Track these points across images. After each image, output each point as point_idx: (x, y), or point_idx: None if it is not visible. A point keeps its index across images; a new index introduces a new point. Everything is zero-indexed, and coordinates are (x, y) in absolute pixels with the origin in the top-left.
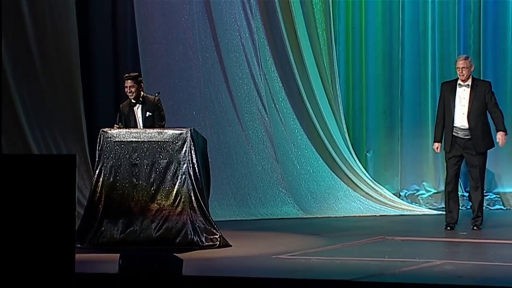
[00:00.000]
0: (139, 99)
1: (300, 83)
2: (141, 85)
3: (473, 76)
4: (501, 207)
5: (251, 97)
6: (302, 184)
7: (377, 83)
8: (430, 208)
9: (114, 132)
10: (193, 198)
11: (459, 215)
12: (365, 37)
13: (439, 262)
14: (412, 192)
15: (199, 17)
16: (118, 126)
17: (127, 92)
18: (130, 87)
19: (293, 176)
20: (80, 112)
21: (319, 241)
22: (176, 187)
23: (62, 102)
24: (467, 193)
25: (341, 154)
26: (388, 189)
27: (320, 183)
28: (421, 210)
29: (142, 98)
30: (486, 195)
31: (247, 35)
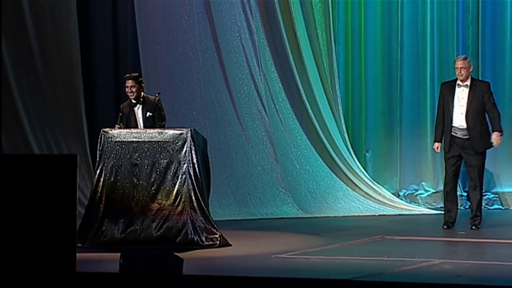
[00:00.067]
0: (139, 99)
1: (299, 83)
2: (142, 85)
3: (472, 76)
4: (500, 206)
5: (251, 97)
6: (301, 184)
7: (376, 84)
8: (429, 207)
9: (115, 132)
10: (194, 197)
11: (457, 215)
12: (365, 37)
13: (438, 261)
14: (411, 192)
15: (200, 18)
16: (118, 126)
17: (127, 92)
18: (131, 87)
19: (293, 176)
20: (81, 112)
21: (318, 241)
22: (176, 187)
23: (63, 102)
24: (465, 193)
25: (340, 154)
26: (387, 189)
27: (319, 183)
28: (420, 209)
29: (142, 98)
30: (484, 195)
31: (247, 36)
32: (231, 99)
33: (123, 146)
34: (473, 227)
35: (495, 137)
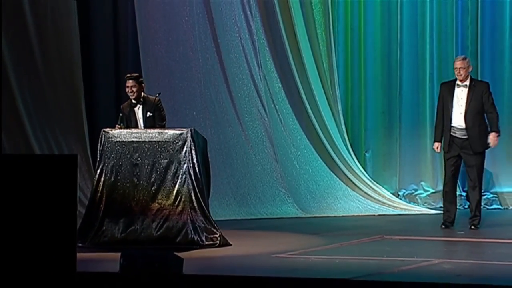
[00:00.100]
0: (140, 99)
1: (299, 83)
2: (142, 85)
3: (471, 76)
4: (499, 206)
5: (251, 97)
6: (301, 183)
7: (375, 84)
8: (428, 207)
9: (115, 132)
10: (194, 197)
11: (456, 215)
12: (364, 38)
13: (437, 261)
14: (410, 191)
15: (200, 19)
16: (119, 126)
17: (128, 92)
18: (131, 87)
19: (293, 176)
20: (81, 112)
21: (318, 240)
22: (176, 186)
23: (63, 102)
24: (465, 193)
25: (340, 154)
26: (386, 189)
27: (319, 182)
28: (419, 209)
29: (143, 98)
30: (483, 195)
31: (247, 36)
32: (231, 99)
33: (124, 146)
34: (472, 227)
35: (492, 138)
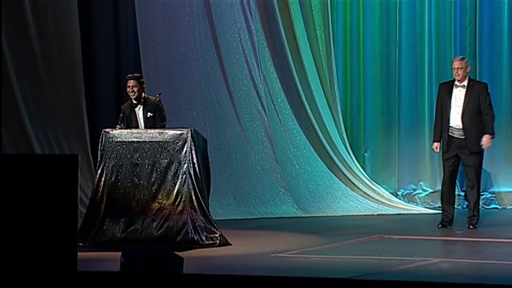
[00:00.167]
0: (140, 100)
1: (299, 84)
2: (143, 86)
3: (469, 77)
4: (497, 206)
5: (250, 98)
6: (301, 183)
7: (374, 84)
8: (426, 207)
9: (115, 132)
10: (194, 197)
11: (454, 215)
12: (363, 38)
13: (435, 260)
14: (409, 191)
15: (200, 20)
16: (119, 126)
17: (129, 92)
18: (132, 87)
19: (292, 175)
20: (82, 112)
21: (317, 240)
22: (176, 186)
23: (64, 102)
24: (463, 192)
25: (339, 154)
26: (385, 189)
27: (318, 182)
28: (418, 209)
29: (143, 99)
30: (482, 195)
31: (246, 37)
32: (231, 99)
33: (124, 146)
34: (471, 226)
35: (485, 140)
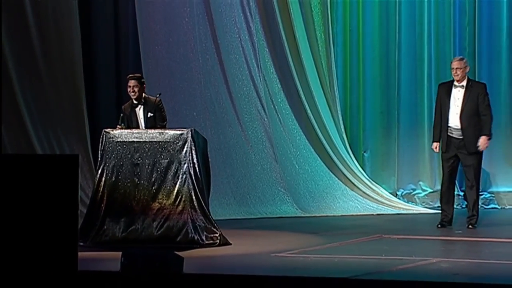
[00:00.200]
0: (141, 100)
1: (298, 84)
2: (144, 86)
3: (468, 77)
4: (496, 206)
5: (250, 98)
6: (300, 183)
7: (374, 84)
8: (426, 207)
9: (116, 132)
10: (194, 197)
11: (453, 215)
12: (363, 39)
13: (435, 260)
14: (408, 191)
15: (200, 20)
16: (120, 127)
17: (129, 92)
18: (133, 87)
19: (292, 175)
20: (83, 112)
21: (317, 240)
22: (177, 186)
23: (65, 102)
24: (462, 192)
25: (339, 154)
26: (385, 189)
27: (318, 182)
28: (417, 209)
29: (144, 99)
30: (481, 194)
31: (246, 37)
32: (231, 99)
33: (124, 146)
34: (470, 226)
35: (481, 141)
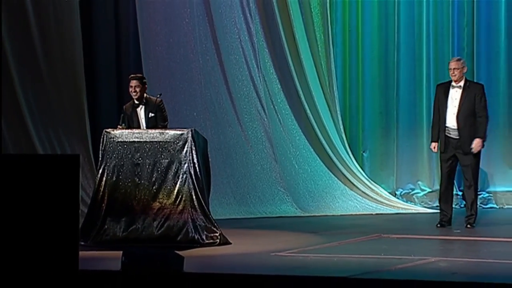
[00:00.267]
0: (142, 100)
1: (298, 84)
2: (145, 86)
3: (466, 78)
4: (494, 205)
5: (250, 98)
6: (300, 183)
7: (373, 85)
8: (425, 206)
9: (117, 132)
10: (194, 197)
11: (452, 214)
12: (362, 39)
13: (433, 259)
14: (407, 191)
15: (200, 21)
16: (121, 127)
17: (131, 92)
18: (135, 87)
19: (292, 175)
20: (84, 112)
21: (316, 239)
22: (177, 186)
23: (66, 102)
24: (461, 192)
25: (338, 154)
26: (384, 188)
27: (317, 182)
28: (416, 208)
29: (145, 99)
30: (479, 194)
31: (246, 38)
32: (231, 100)
33: (125, 146)
34: (468, 226)
35: (475, 143)
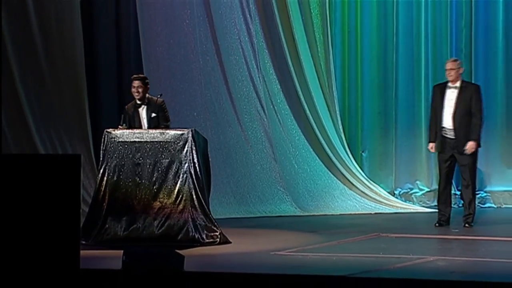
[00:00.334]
0: (144, 100)
1: (297, 85)
2: (147, 87)
3: (462, 79)
4: (492, 205)
5: (250, 98)
6: (299, 182)
7: (372, 85)
8: (423, 206)
9: (117, 132)
10: (194, 196)
11: (450, 214)
12: (361, 40)
13: (432, 258)
14: (406, 190)
15: (200, 22)
16: (121, 127)
17: (134, 92)
18: (137, 87)
19: (291, 175)
20: (85, 112)
21: (316, 238)
22: (177, 185)
23: (67, 103)
24: (459, 192)
25: (337, 154)
26: (383, 188)
27: (317, 182)
28: (414, 208)
29: (147, 99)
30: (477, 194)
31: (246, 38)
32: (231, 100)
33: (126, 146)
34: (466, 225)
35: (469, 146)
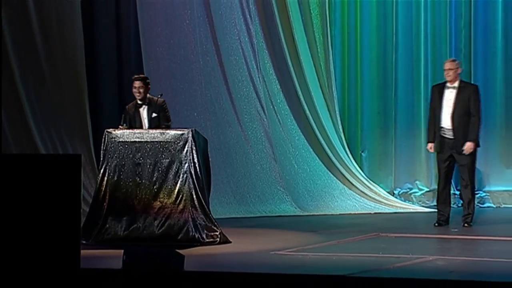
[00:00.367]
0: (145, 100)
1: (297, 85)
2: (148, 87)
3: (461, 79)
4: (491, 205)
5: (250, 98)
6: (299, 182)
7: (371, 85)
8: (422, 206)
9: (118, 132)
10: (194, 196)
11: (450, 214)
12: (360, 40)
13: (431, 258)
14: (405, 190)
15: (200, 22)
16: (122, 127)
17: (135, 92)
18: (138, 88)
19: (291, 175)
20: (85, 112)
21: (315, 238)
22: (178, 185)
23: (68, 103)
24: (458, 191)
25: (337, 153)
26: (382, 188)
27: (316, 181)
28: (414, 207)
29: (148, 99)
30: (476, 193)
31: (246, 39)
32: (231, 100)
33: (126, 146)
34: (465, 225)
35: (467, 146)
